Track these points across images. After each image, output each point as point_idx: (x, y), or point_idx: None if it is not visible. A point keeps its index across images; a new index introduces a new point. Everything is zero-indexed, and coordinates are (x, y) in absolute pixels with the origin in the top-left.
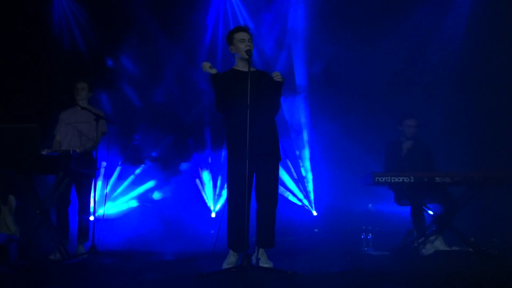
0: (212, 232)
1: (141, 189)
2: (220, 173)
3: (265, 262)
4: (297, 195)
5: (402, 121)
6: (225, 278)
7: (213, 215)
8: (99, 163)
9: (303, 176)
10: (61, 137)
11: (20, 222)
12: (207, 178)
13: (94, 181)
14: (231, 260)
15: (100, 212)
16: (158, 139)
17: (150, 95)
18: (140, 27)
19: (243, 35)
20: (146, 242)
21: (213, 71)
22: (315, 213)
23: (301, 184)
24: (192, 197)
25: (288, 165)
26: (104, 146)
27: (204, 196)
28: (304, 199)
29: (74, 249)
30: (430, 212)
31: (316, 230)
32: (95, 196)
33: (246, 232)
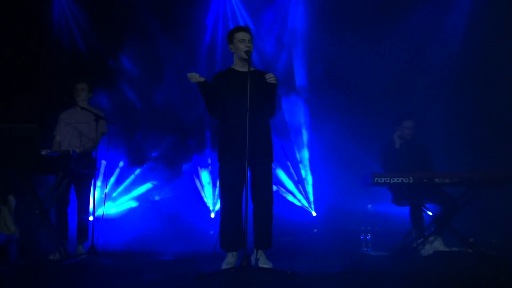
0: (212, 233)
1: (141, 190)
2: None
3: (265, 263)
4: (297, 196)
5: (400, 122)
6: (225, 279)
7: (213, 215)
8: (99, 163)
9: (303, 177)
10: (61, 138)
11: (20, 222)
12: (207, 179)
13: (94, 181)
14: (230, 261)
15: (100, 212)
16: (158, 139)
17: (150, 95)
18: (140, 27)
19: (244, 35)
20: (146, 242)
21: (201, 80)
22: (315, 214)
23: (301, 185)
24: (192, 197)
25: (288, 166)
26: (104, 146)
27: (204, 196)
28: (304, 200)
29: (74, 249)
30: (429, 213)
31: (316, 231)
32: (95, 196)
33: (241, 231)
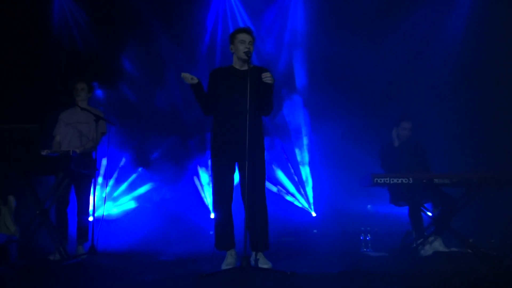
0: (211, 233)
1: (141, 190)
2: None
3: (264, 263)
4: (297, 196)
5: (399, 122)
6: (225, 279)
7: (213, 216)
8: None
9: (303, 177)
10: (61, 138)
11: (20, 223)
12: (207, 179)
13: (94, 182)
14: (230, 261)
15: (100, 213)
16: (158, 140)
17: (150, 96)
18: (140, 28)
19: (245, 37)
20: (146, 243)
21: (194, 81)
22: (314, 214)
23: (301, 185)
24: (192, 198)
25: (288, 167)
26: (104, 147)
27: (204, 197)
28: (304, 200)
29: (74, 250)
30: (429, 214)
31: (315, 231)
32: (95, 197)
33: (231, 230)
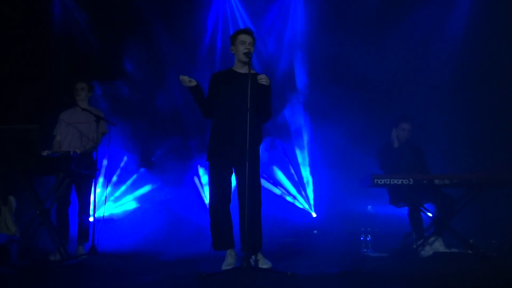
0: None
1: (142, 191)
2: None
3: (264, 263)
4: (297, 197)
5: (398, 124)
6: (225, 279)
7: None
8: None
9: (303, 178)
10: (62, 138)
11: (21, 223)
12: (207, 179)
13: (94, 182)
14: (230, 261)
15: (100, 213)
16: (159, 140)
17: (151, 96)
18: (141, 28)
19: (245, 38)
20: (146, 243)
21: (193, 84)
22: (315, 215)
23: (301, 186)
24: (192, 198)
25: (289, 167)
26: (105, 147)
27: (204, 197)
28: (304, 201)
29: (74, 250)
30: (429, 214)
31: (316, 232)
32: (95, 197)
33: (230, 229)
